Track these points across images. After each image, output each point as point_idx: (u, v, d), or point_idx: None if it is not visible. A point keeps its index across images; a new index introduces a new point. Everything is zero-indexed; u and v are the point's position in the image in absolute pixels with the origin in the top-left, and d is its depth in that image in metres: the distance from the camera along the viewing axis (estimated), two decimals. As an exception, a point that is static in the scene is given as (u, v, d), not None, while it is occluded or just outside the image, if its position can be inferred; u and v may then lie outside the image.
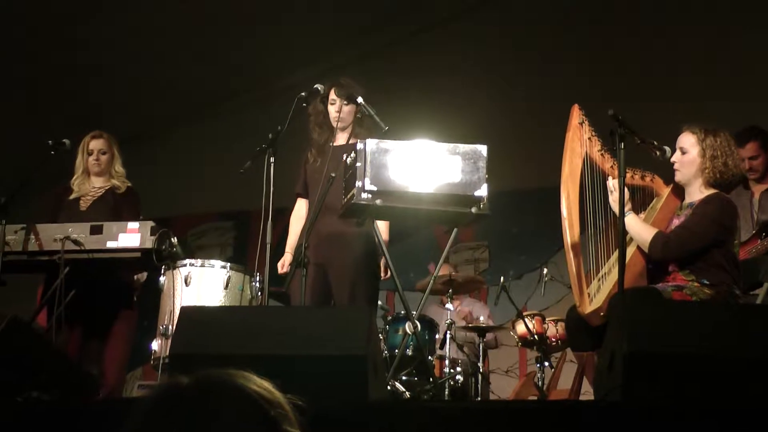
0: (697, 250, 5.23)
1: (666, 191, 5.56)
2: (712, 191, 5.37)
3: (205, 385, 1.76)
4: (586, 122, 5.52)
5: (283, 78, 10.34)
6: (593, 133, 5.49)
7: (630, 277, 5.13)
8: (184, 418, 1.72)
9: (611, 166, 5.43)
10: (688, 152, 5.38)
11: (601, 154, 5.48)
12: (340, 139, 6.25)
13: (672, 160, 5.41)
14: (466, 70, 10.35)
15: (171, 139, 11.67)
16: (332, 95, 6.19)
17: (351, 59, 10.36)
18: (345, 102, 6.13)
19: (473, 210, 5.39)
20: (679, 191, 5.53)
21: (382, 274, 6.09)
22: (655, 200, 5.60)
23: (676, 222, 5.40)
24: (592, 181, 5.41)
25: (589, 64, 10.01)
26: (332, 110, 6.23)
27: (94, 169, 6.82)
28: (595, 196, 5.38)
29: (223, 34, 10.06)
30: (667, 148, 5.33)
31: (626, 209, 5.29)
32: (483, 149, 5.40)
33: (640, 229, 5.33)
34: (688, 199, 5.46)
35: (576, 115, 5.55)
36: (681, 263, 5.27)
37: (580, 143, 5.49)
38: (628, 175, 5.33)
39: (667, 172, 5.51)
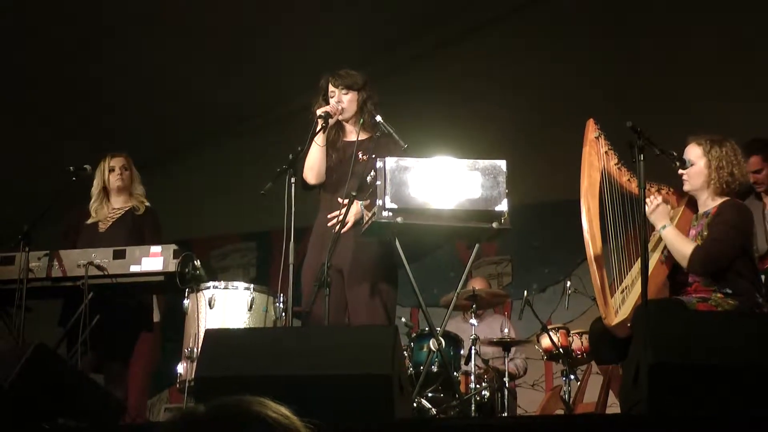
0: (729, 260, 5.23)
1: (681, 203, 5.56)
2: (722, 199, 5.38)
3: (221, 412, 1.76)
4: (602, 136, 5.53)
5: (302, 97, 10.33)
6: (609, 147, 5.50)
7: (653, 289, 5.13)
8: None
9: (628, 179, 5.43)
10: (695, 164, 5.39)
11: (618, 168, 5.48)
12: (351, 134, 6.05)
13: (680, 172, 5.43)
14: (487, 84, 10.33)
15: (192, 160, 11.69)
16: (331, 88, 5.97)
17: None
18: (344, 91, 5.93)
19: (494, 225, 5.39)
20: (693, 202, 5.54)
21: None
22: (671, 213, 5.58)
23: (692, 232, 5.40)
24: (611, 194, 5.41)
25: (608, 75, 10.00)
26: (333, 102, 5.96)
27: (117, 185, 6.80)
28: (614, 208, 5.38)
29: (240, 55, 10.08)
30: (687, 159, 5.35)
31: (665, 222, 5.33)
32: (502, 164, 5.41)
33: (679, 242, 5.31)
34: (701, 209, 5.47)
35: (592, 129, 5.56)
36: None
37: (597, 157, 5.50)
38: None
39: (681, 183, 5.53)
